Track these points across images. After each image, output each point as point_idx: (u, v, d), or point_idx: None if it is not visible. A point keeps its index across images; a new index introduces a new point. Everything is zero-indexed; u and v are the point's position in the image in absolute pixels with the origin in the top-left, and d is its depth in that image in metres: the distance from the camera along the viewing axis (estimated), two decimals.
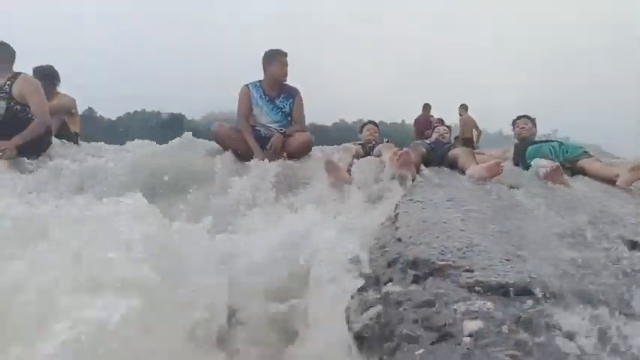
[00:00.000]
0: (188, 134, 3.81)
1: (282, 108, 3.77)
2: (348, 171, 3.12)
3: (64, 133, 4.21)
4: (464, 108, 10.74)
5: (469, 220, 1.77)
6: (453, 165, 3.39)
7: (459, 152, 3.39)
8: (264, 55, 3.75)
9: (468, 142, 10.19)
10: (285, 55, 3.76)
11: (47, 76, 4.25)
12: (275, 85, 3.77)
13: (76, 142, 4.27)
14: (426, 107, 10.50)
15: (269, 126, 3.71)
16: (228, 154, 3.42)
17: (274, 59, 3.72)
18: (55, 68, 4.36)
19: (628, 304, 1.15)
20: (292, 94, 3.84)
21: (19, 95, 3.37)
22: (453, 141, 6.78)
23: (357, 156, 3.50)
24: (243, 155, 3.46)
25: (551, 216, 1.92)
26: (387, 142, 3.94)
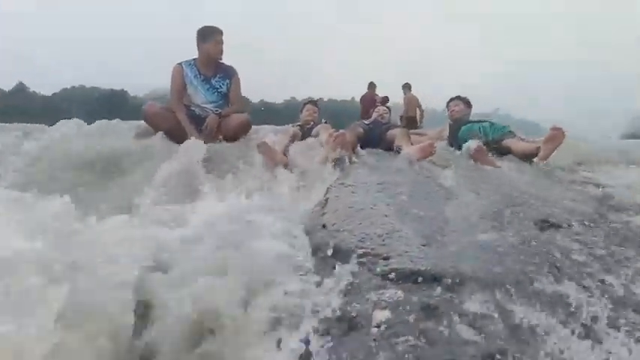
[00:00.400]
0: (116, 120, 3.60)
1: (218, 88, 3.64)
2: (285, 153, 3.09)
3: None
4: (407, 87, 10.91)
5: (395, 205, 1.80)
6: (390, 146, 3.43)
7: (395, 133, 3.43)
8: (198, 32, 3.58)
9: (411, 121, 10.43)
10: (221, 32, 3.61)
11: None
12: (210, 63, 3.63)
13: None
14: (371, 86, 10.59)
15: (204, 106, 3.58)
16: (160, 136, 3.27)
17: (209, 37, 3.57)
18: None
19: (534, 287, 1.21)
20: (229, 73, 3.71)
21: None
22: (398, 120, 6.94)
23: (295, 138, 3.47)
24: (177, 136, 3.32)
25: (473, 198, 1.99)
26: (325, 122, 3.92)
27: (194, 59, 3.65)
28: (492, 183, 2.28)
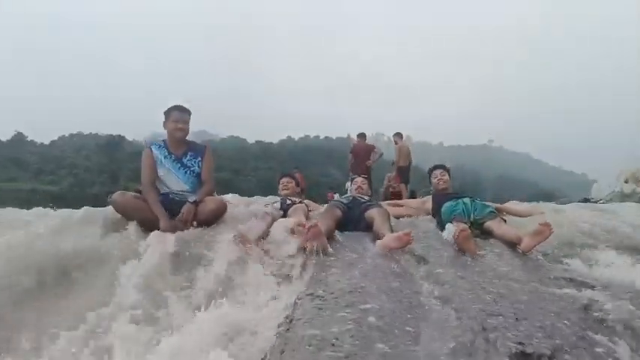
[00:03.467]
0: (87, 208, 3.46)
1: (190, 167, 3.55)
2: (261, 241, 2.98)
3: None
4: (399, 136, 10.94)
5: (360, 335, 1.66)
6: (369, 226, 3.33)
7: (374, 215, 3.34)
8: (164, 112, 3.54)
9: (402, 171, 10.43)
10: (177, 110, 3.52)
11: None
12: (177, 143, 3.55)
13: None
14: (362, 136, 10.61)
15: (179, 192, 3.48)
16: (132, 227, 3.14)
17: (168, 115, 3.51)
18: None
19: None
20: (200, 151, 3.63)
21: None
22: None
23: (275, 221, 3.36)
24: (150, 226, 3.20)
25: (447, 318, 1.86)
26: (300, 202, 3.83)
27: (164, 140, 3.59)
28: (469, 291, 2.15)
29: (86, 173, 52.50)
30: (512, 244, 3.03)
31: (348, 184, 10.26)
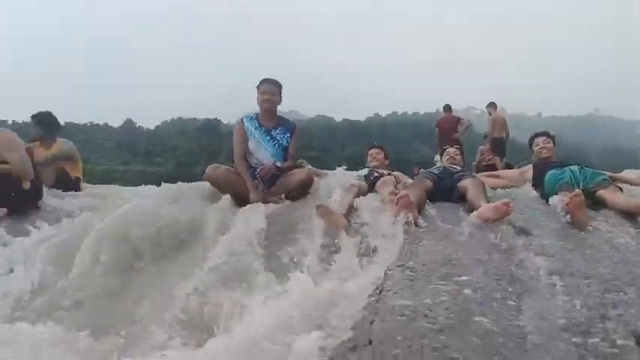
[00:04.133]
0: (182, 184, 3.67)
1: (279, 140, 3.62)
2: (349, 213, 2.93)
3: (63, 181, 4.16)
4: (492, 106, 10.22)
5: (456, 309, 1.54)
6: (463, 197, 3.13)
7: (468, 185, 3.11)
8: (257, 86, 3.62)
9: (497, 143, 9.78)
10: (267, 82, 3.59)
11: (46, 123, 4.24)
12: (267, 115, 3.63)
13: (77, 189, 4.24)
14: (447, 109, 10.10)
15: (267, 163, 3.54)
16: (225, 200, 3.26)
17: (258, 89, 3.59)
18: (54, 115, 4.35)
19: None
20: (290, 127, 3.71)
21: None
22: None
23: (361, 193, 3.29)
24: (242, 198, 3.31)
25: (556, 294, 1.67)
26: (389, 174, 3.69)
27: (256, 113, 3.67)
28: (582, 264, 1.92)
29: (188, 155, 56.23)
30: (631, 215, 2.66)
31: (437, 157, 9.88)
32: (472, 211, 2.78)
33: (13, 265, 2.65)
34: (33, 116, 4.23)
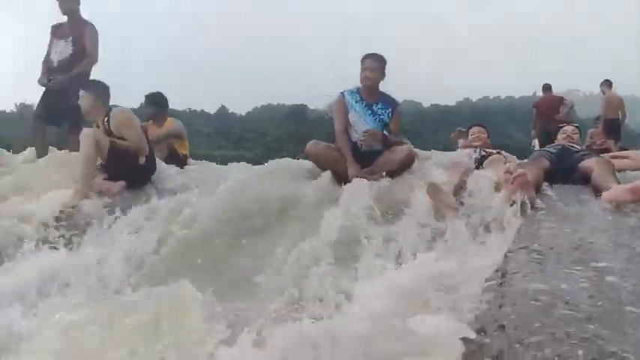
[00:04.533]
0: (286, 160, 3.75)
1: (380, 115, 3.54)
2: (457, 192, 2.77)
3: (173, 157, 4.42)
4: (607, 85, 9.21)
5: (601, 294, 1.37)
6: (585, 178, 2.82)
7: (592, 165, 2.80)
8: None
9: (611, 125, 8.82)
10: (370, 57, 3.49)
11: (158, 103, 4.54)
12: (368, 90, 3.55)
13: (184, 165, 4.48)
14: (547, 89, 9.27)
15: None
16: (325, 177, 3.25)
17: (361, 64, 3.51)
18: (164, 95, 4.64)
19: None
20: (392, 103, 3.61)
21: (116, 130, 3.45)
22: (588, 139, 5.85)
23: (467, 173, 3.09)
24: (342, 175, 3.27)
25: None
26: (498, 153, 3.44)
27: (357, 87, 3.61)
28: None
29: (277, 141, 58.06)
30: None
31: (534, 142, 9.15)
32: (599, 193, 2.50)
33: (136, 230, 2.85)
34: (147, 96, 4.54)
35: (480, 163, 3.39)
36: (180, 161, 4.44)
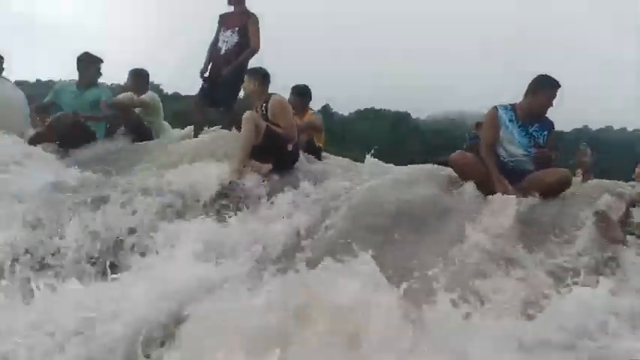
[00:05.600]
0: (428, 165, 3.75)
1: (536, 138, 3.32)
2: (623, 223, 2.58)
3: (311, 148, 4.60)
4: None
5: None
6: None
7: None
8: (534, 79, 3.34)
9: None
10: (556, 87, 3.29)
11: (304, 94, 4.78)
12: (530, 115, 3.36)
13: (319, 157, 4.67)
14: None
15: (516, 159, 3.32)
16: (468, 187, 3.18)
17: (540, 89, 3.30)
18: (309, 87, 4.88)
19: None
20: (548, 125, 3.39)
21: (272, 116, 3.67)
22: None
23: (632, 203, 2.87)
24: (487, 188, 3.17)
25: None
26: None
27: (512, 104, 3.43)
28: None
29: (377, 145, 57.91)
30: None
31: None
32: None
33: (284, 214, 3.04)
34: (294, 87, 4.78)
35: None
36: (316, 152, 4.64)
